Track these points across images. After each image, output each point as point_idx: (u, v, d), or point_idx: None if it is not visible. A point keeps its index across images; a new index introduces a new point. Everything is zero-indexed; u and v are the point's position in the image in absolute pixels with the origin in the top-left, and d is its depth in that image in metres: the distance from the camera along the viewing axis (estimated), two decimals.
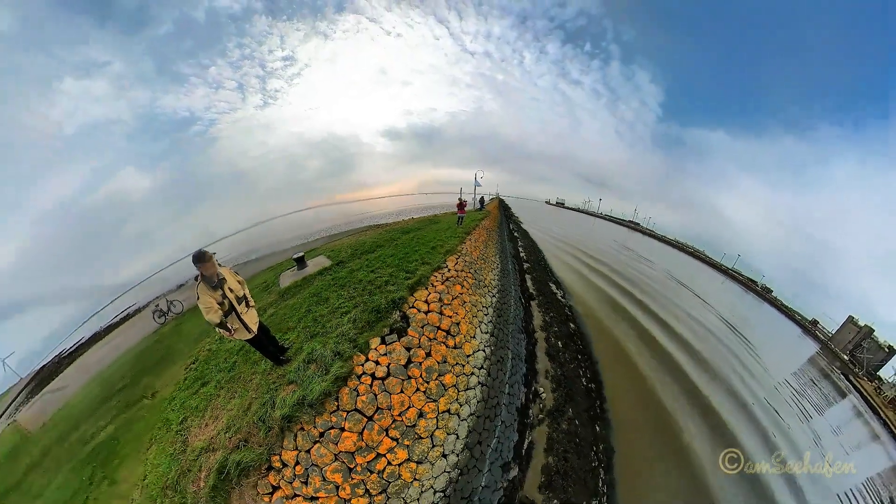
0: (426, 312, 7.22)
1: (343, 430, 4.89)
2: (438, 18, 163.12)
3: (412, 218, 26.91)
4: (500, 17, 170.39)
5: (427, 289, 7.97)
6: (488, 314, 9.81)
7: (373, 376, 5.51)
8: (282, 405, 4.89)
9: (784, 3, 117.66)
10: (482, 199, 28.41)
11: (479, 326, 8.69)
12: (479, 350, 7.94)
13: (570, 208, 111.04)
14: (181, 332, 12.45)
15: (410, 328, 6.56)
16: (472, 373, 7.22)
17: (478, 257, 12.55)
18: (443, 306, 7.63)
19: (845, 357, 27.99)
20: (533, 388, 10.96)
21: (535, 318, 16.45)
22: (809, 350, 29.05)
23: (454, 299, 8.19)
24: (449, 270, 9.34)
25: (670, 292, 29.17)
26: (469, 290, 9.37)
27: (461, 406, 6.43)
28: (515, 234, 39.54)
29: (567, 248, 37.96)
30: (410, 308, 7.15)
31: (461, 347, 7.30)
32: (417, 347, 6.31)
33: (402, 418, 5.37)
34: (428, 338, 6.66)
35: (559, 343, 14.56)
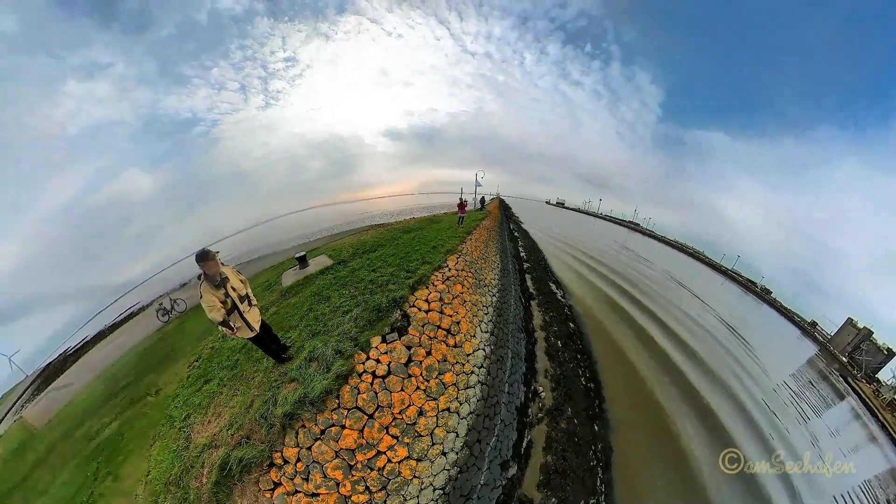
0: (427, 311, 7.28)
1: (344, 427, 4.96)
2: (439, 19, 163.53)
3: (413, 218, 26.97)
4: (501, 18, 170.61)
5: (428, 288, 8.03)
6: (488, 313, 9.86)
7: (373, 374, 5.58)
8: (283, 403, 4.96)
9: (784, 3, 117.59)
10: (483, 199, 28.46)
11: (480, 325, 8.74)
12: (479, 349, 8.00)
13: (571, 208, 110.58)
14: (184, 330, 12.55)
15: (411, 327, 6.62)
16: (471, 371, 7.27)
17: (478, 257, 12.60)
18: (443, 305, 7.69)
19: (844, 359, 27.97)
20: (532, 387, 11.02)
21: (534, 318, 16.50)
22: (808, 352, 28.98)
23: (455, 298, 8.25)
24: (449, 270, 9.40)
25: (670, 293, 29.12)
26: (469, 289, 9.43)
27: (461, 404, 6.49)
28: (516, 233, 39.55)
29: (567, 249, 37.91)
30: (411, 307, 7.20)
31: (461, 346, 7.36)
32: (418, 346, 6.38)
33: (402, 416, 5.44)
34: (428, 336, 6.72)
35: (558, 342, 14.61)
